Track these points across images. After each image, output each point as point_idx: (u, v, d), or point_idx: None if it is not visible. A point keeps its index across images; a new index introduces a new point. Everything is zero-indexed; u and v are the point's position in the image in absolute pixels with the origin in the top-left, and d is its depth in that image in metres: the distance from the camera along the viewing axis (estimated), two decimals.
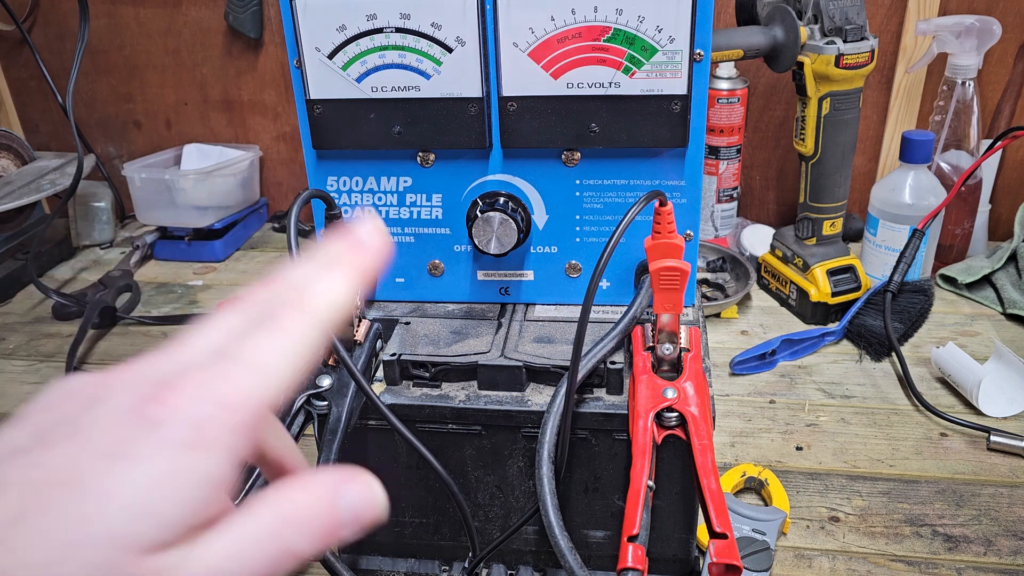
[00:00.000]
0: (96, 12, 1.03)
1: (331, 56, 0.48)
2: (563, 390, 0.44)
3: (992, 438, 0.64)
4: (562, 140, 0.49)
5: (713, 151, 0.92)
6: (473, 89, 0.47)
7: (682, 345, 0.45)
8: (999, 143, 0.80)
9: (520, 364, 0.47)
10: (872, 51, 0.73)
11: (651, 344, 0.46)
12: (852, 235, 0.97)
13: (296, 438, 0.44)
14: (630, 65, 0.46)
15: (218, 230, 1.01)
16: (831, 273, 0.81)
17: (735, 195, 0.95)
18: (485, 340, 0.50)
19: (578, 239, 0.52)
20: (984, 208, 0.91)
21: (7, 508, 0.16)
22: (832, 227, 0.82)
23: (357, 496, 0.20)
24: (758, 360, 0.75)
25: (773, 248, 0.88)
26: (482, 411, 0.47)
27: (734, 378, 0.75)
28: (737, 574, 0.38)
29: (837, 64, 0.72)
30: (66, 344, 0.80)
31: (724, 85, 0.89)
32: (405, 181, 0.52)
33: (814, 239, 0.82)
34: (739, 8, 0.78)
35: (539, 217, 0.52)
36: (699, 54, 0.46)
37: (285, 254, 1.03)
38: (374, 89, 0.48)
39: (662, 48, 0.45)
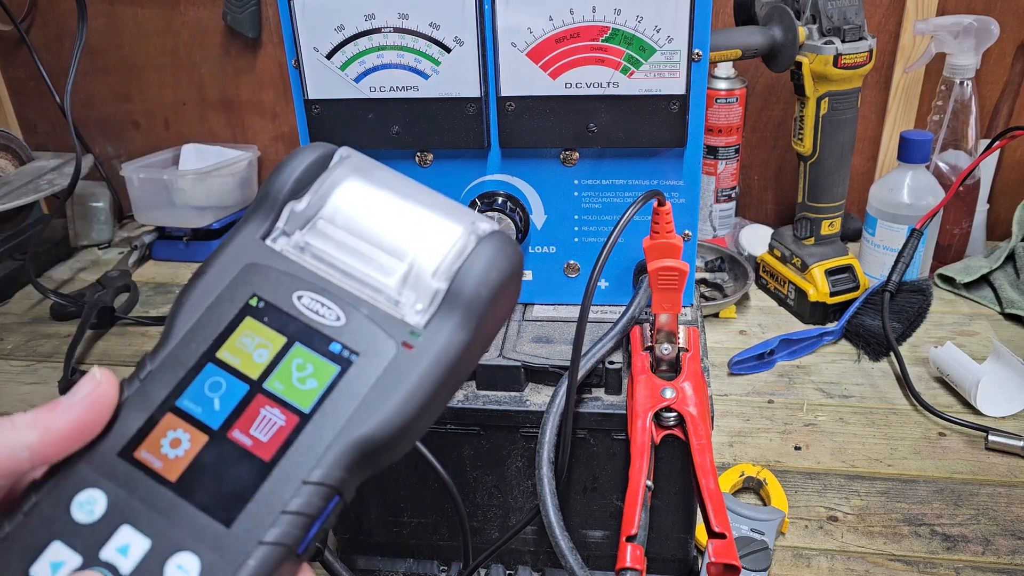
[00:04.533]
0: (94, 12, 1.03)
1: (329, 56, 0.47)
2: (562, 390, 0.44)
3: (990, 438, 0.64)
4: (560, 140, 0.48)
5: (711, 151, 0.92)
6: (471, 89, 0.47)
7: (680, 345, 0.45)
8: (997, 143, 0.80)
9: (519, 364, 0.47)
10: (870, 51, 0.73)
11: (650, 344, 0.46)
12: (850, 235, 0.97)
13: None
14: (628, 65, 0.46)
15: (216, 230, 1.01)
16: (829, 273, 0.81)
17: (733, 195, 0.95)
18: None
19: (576, 239, 0.52)
20: (982, 208, 0.91)
21: None
22: (831, 227, 0.82)
23: None
24: (756, 360, 0.75)
25: (771, 248, 0.88)
26: (480, 411, 0.47)
27: (732, 378, 0.75)
28: (736, 574, 0.38)
29: (835, 64, 0.72)
30: (64, 344, 0.80)
31: (722, 85, 0.89)
32: None
33: (812, 239, 0.82)
34: (737, 8, 0.78)
35: (537, 217, 0.52)
36: (697, 54, 0.46)
37: None
38: (372, 89, 0.48)
39: (660, 48, 0.45)
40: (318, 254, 0.27)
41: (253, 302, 0.26)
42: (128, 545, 0.23)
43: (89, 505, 0.23)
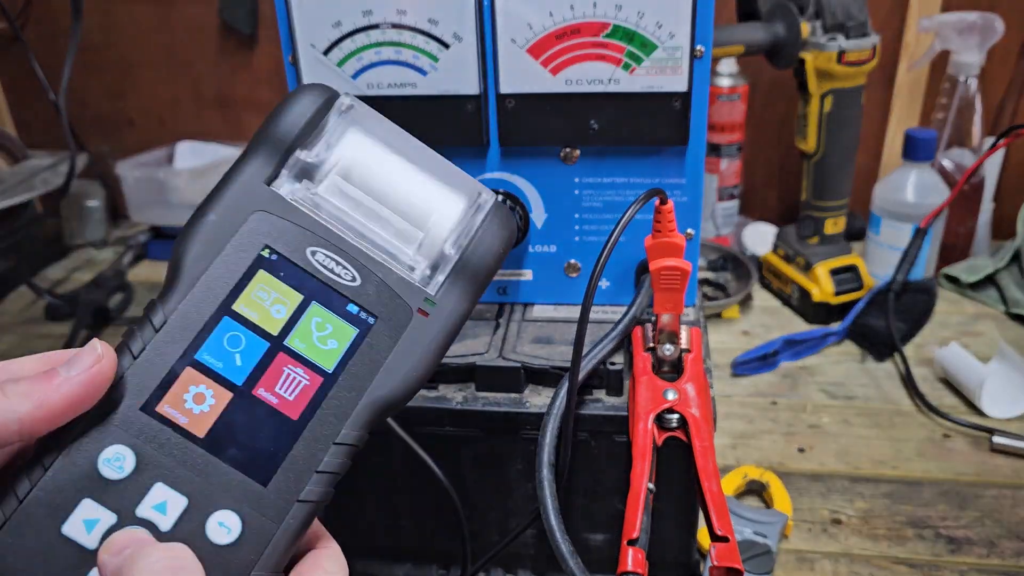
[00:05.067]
0: (89, 9, 1.02)
1: (326, 52, 0.47)
2: (563, 392, 0.43)
3: (995, 439, 0.64)
4: (561, 138, 0.48)
5: (714, 149, 0.91)
6: (470, 86, 0.47)
7: (683, 346, 0.45)
8: (1002, 140, 0.79)
9: (518, 365, 0.47)
10: (874, 47, 0.72)
11: (651, 345, 0.45)
12: (855, 234, 0.96)
13: None
14: (630, 61, 0.45)
15: None
16: (834, 272, 0.80)
17: (736, 193, 0.94)
18: (483, 340, 0.49)
19: (577, 238, 0.51)
20: (987, 206, 0.90)
21: None
22: (835, 226, 0.81)
23: None
24: (760, 361, 0.74)
25: (775, 247, 0.87)
26: (480, 413, 0.46)
27: (735, 379, 0.74)
28: None
29: (839, 61, 0.71)
30: (59, 345, 0.79)
31: (725, 82, 0.88)
32: None
33: (816, 238, 0.82)
34: (740, 4, 0.77)
35: (537, 216, 0.51)
36: (699, 50, 0.45)
37: None
38: (369, 86, 0.47)
39: (662, 44, 0.45)
40: (332, 211, 0.27)
41: (265, 253, 0.26)
42: (165, 503, 0.22)
43: (117, 462, 0.23)
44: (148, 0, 1.02)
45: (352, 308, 0.26)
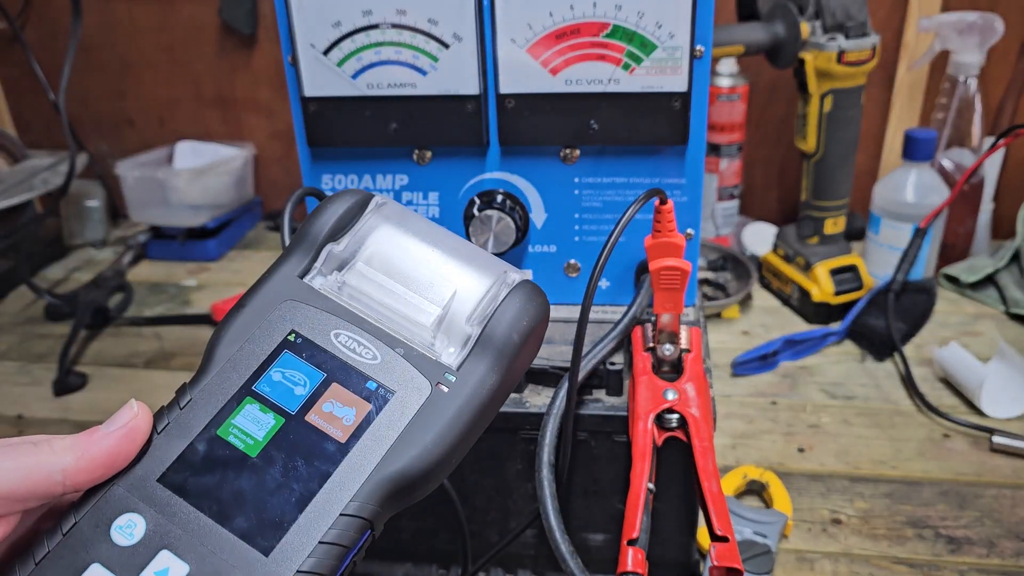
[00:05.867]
0: (89, 9, 1.02)
1: (326, 52, 0.47)
2: (563, 391, 0.43)
3: (995, 439, 0.64)
4: (561, 137, 0.48)
5: (714, 148, 0.91)
6: (470, 86, 0.47)
7: (683, 346, 0.45)
8: (1002, 141, 0.79)
9: None
10: (874, 48, 0.72)
11: (651, 345, 0.45)
12: (854, 234, 0.96)
13: None
14: (629, 61, 0.45)
15: (212, 229, 1.01)
16: (833, 272, 0.80)
17: (736, 193, 0.94)
18: None
19: (577, 238, 0.51)
20: (987, 206, 0.90)
21: None
22: (835, 225, 0.81)
23: None
24: (759, 361, 0.74)
25: (775, 247, 0.87)
26: None
27: (735, 379, 0.74)
28: None
29: (839, 61, 0.71)
30: (58, 345, 0.79)
31: (725, 82, 0.88)
32: (401, 179, 0.51)
33: (816, 238, 0.82)
34: (740, 4, 0.77)
35: (537, 216, 0.51)
36: (699, 50, 0.45)
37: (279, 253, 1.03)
38: (370, 86, 0.47)
39: (662, 44, 0.45)
40: (355, 295, 0.28)
41: (291, 338, 0.27)
42: (167, 569, 0.23)
43: (129, 529, 0.23)
44: (148, 0, 1.02)
45: (371, 385, 0.26)
